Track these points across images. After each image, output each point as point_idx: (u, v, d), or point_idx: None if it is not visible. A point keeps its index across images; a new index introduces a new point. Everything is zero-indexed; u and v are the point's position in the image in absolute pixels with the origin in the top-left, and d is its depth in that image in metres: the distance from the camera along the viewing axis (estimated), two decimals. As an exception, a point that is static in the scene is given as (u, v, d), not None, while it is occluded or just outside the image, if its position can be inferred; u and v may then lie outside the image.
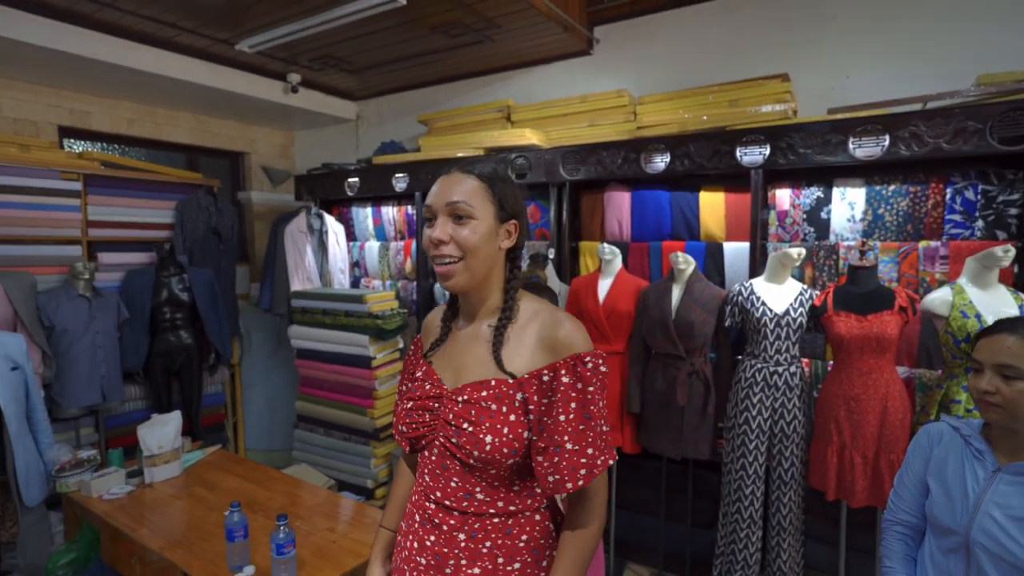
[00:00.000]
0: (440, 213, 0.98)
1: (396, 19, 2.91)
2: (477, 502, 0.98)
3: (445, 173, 1.03)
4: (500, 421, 0.95)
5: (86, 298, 3.02)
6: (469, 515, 0.98)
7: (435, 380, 1.05)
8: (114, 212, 3.40)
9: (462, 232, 0.97)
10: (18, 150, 3.07)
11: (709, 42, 3.03)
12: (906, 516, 1.34)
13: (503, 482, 0.98)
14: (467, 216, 0.97)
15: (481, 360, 1.01)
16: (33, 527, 2.22)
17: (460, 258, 0.97)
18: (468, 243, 0.96)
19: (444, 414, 1.00)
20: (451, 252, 0.97)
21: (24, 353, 2.27)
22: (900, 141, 2.16)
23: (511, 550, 0.99)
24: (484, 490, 0.98)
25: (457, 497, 0.98)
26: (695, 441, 2.48)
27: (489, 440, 0.94)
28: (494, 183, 1.01)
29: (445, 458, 0.99)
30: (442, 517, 0.99)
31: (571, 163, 2.88)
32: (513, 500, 0.99)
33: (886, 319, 2.06)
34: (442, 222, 0.98)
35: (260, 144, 4.71)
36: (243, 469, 2.51)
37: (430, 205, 1.00)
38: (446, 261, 0.97)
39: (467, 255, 0.97)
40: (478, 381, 0.99)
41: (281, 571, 1.60)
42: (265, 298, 3.77)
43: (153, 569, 1.87)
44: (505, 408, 0.95)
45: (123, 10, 2.82)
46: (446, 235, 0.97)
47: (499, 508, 0.98)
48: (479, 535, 0.98)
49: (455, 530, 0.98)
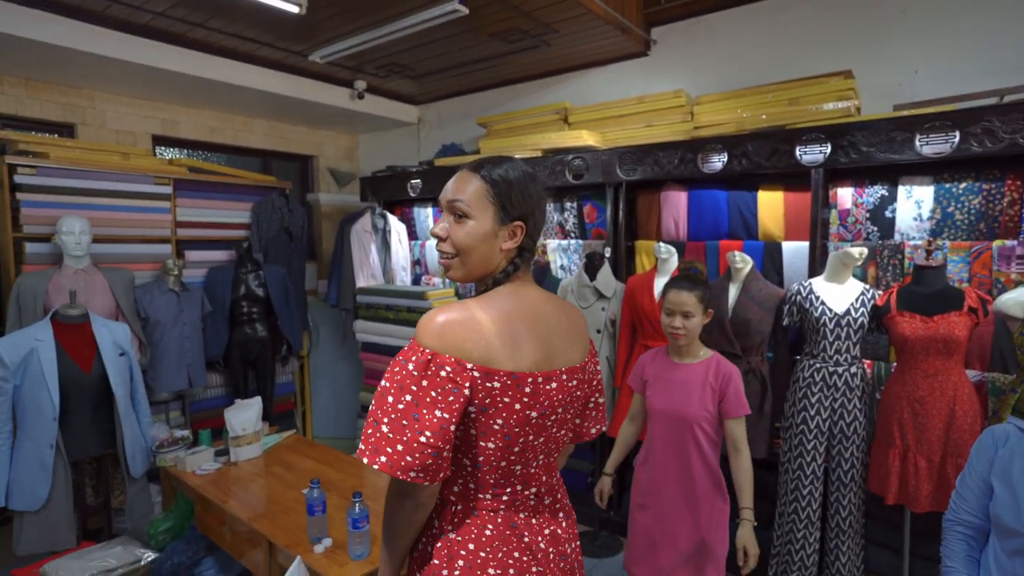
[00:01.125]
0: (445, 210, 1.04)
1: (458, 27, 3.04)
2: None
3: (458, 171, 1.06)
4: None
5: (175, 292, 3.30)
6: None
7: None
8: (199, 213, 3.69)
9: (458, 232, 1.01)
10: (120, 158, 3.39)
11: (768, 41, 3.01)
12: (968, 517, 1.34)
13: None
14: (464, 216, 1.00)
15: None
16: (137, 496, 2.48)
17: (455, 255, 1.02)
18: (461, 243, 1.00)
19: None
20: (447, 249, 1.02)
21: (129, 340, 2.53)
22: (972, 137, 2.11)
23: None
24: None
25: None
26: (751, 439, 2.47)
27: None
28: (498, 185, 1.01)
29: None
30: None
31: (628, 163, 2.92)
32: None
33: (953, 320, 2.01)
34: (444, 218, 1.03)
35: (327, 147, 4.97)
36: (317, 452, 2.70)
37: (440, 199, 1.05)
38: (444, 256, 1.04)
39: (461, 253, 1.01)
40: None
41: (356, 544, 1.75)
42: (332, 294, 3.98)
43: (242, 538, 2.06)
44: None
45: (211, 28, 3.07)
46: (444, 232, 1.02)
47: None
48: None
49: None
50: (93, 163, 3.23)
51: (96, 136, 3.65)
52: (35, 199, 3.00)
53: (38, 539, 2.24)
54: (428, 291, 3.42)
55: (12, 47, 2.85)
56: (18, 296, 2.73)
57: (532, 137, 3.37)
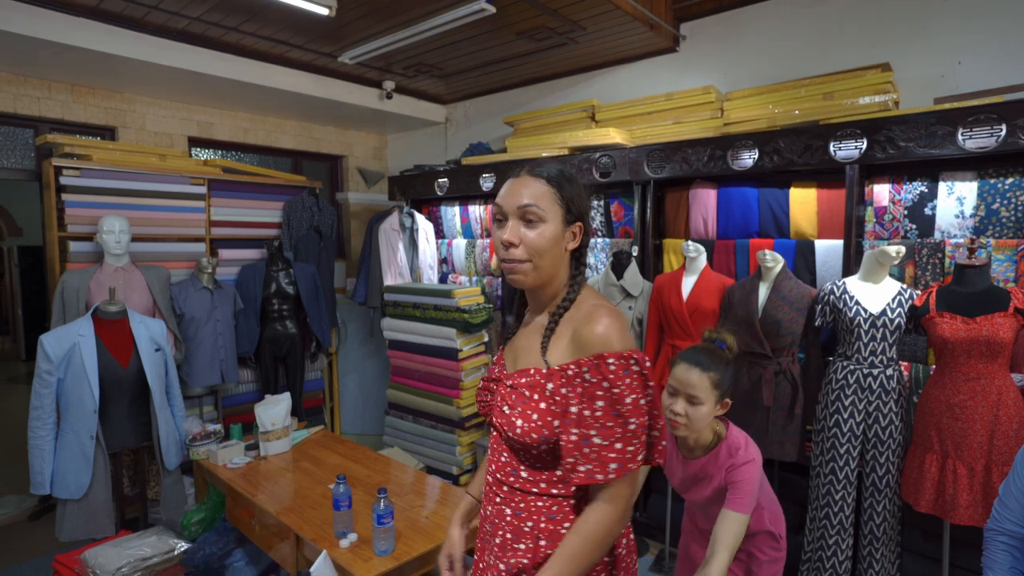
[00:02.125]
0: (511, 215, 1.02)
1: (485, 27, 3.04)
2: (521, 480, 1.04)
3: (514, 175, 1.06)
4: (531, 408, 1.00)
5: (209, 290, 3.39)
6: (515, 491, 1.05)
7: (501, 365, 1.16)
8: (232, 212, 3.79)
9: (531, 236, 1.00)
10: (158, 159, 3.50)
11: (801, 34, 2.93)
12: (1012, 526, 1.28)
13: (544, 465, 1.02)
14: (537, 219, 1.00)
15: (532, 349, 1.07)
16: (171, 487, 2.56)
17: (528, 259, 1.01)
18: (536, 246, 1.00)
19: (496, 398, 1.11)
20: (519, 255, 1.01)
21: (164, 336, 2.60)
22: (1020, 130, 2.01)
23: (552, 535, 1.01)
24: (527, 469, 1.04)
25: (505, 472, 1.07)
26: (781, 442, 2.43)
27: (519, 424, 1.00)
28: (562, 186, 1.03)
29: (499, 436, 1.10)
30: (495, 489, 1.10)
31: (656, 161, 2.89)
32: (555, 484, 1.02)
33: (998, 321, 1.93)
34: (512, 225, 1.01)
35: (356, 147, 5.04)
36: (344, 448, 2.74)
37: (500, 206, 1.03)
38: (515, 261, 1.01)
39: (535, 257, 1.01)
40: (524, 368, 1.06)
41: (381, 539, 1.77)
42: (360, 292, 4.04)
43: (270, 530, 2.10)
44: (536, 396, 1.00)
45: (244, 32, 3.14)
46: (516, 238, 1.00)
47: (541, 489, 1.02)
48: (523, 513, 1.04)
49: (504, 503, 1.07)
50: (132, 164, 3.34)
51: (136, 138, 3.78)
52: (79, 199, 3.12)
53: (80, 526, 2.33)
54: (455, 289, 3.44)
55: (60, 55, 2.98)
56: (62, 293, 2.84)
57: (559, 135, 3.36)
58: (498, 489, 1.08)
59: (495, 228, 1.06)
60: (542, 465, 1.02)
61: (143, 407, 2.50)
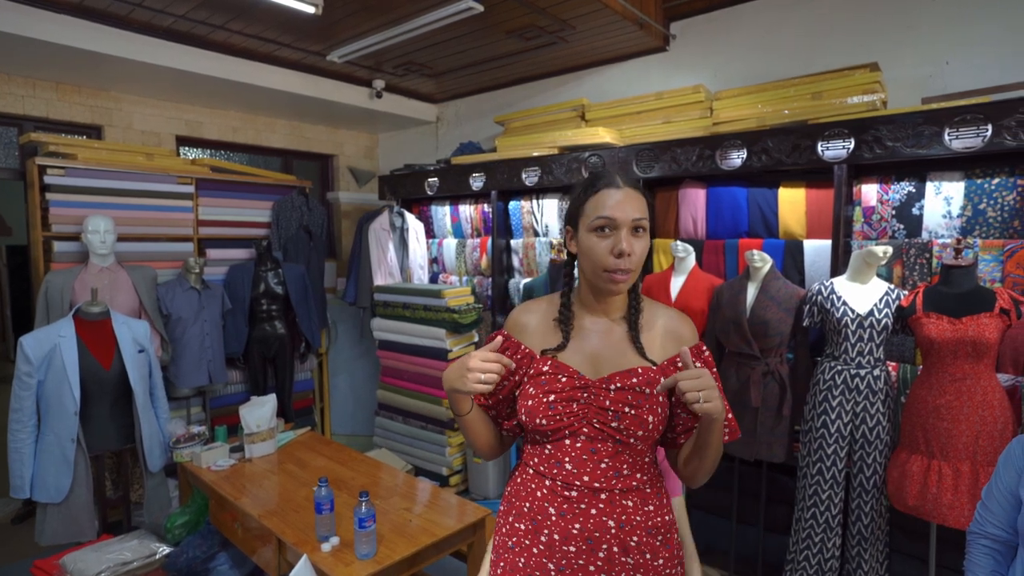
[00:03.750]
0: (623, 227, 1.07)
1: (474, 25, 3.02)
2: (624, 477, 1.09)
3: (613, 186, 1.10)
4: (655, 403, 1.07)
5: (196, 290, 3.35)
6: (616, 492, 1.08)
7: (572, 372, 1.11)
8: (220, 212, 3.75)
9: (639, 246, 1.08)
10: (145, 159, 3.47)
11: (790, 34, 2.93)
12: (994, 530, 1.27)
13: (642, 456, 1.11)
14: (644, 231, 1.10)
15: (621, 351, 1.13)
16: (155, 490, 2.53)
17: (634, 268, 1.09)
18: (642, 257, 1.10)
19: (597, 402, 1.08)
20: (632, 265, 1.08)
21: (148, 337, 2.58)
22: (1006, 131, 2.01)
23: (654, 548, 1.09)
24: (629, 466, 1.09)
25: (607, 477, 1.07)
26: (769, 443, 2.42)
27: (651, 420, 1.07)
28: (648, 198, 1.13)
29: (596, 442, 1.08)
30: (589, 501, 1.07)
31: (645, 160, 2.87)
32: (646, 469, 1.12)
33: (984, 322, 1.92)
34: (626, 235, 1.07)
35: (347, 147, 5.01)
36: (330, 450, 2.72)
37: (613, 217, 1.07)
38: (624, 272, 1.07)
39: (637, 266, 1.09)
40: (625, 370, 1.09)
41: (362, 543, 1.75)
42: (350, 292, 4.01)
43: (252, 534, 2.08)
44: (654, 391, 1.08)
45: (231, 30, 3.11)
46: (631, 248, 1.07)
47: (638, 479, 1.10)
48: (625, 515, 1.07)
49: (604, 515, 1.07)
50: (118, 163, 3.31)
51: (123, 137, 3.74)
52: (63, 199, 3.09)
53: (60, 531, 2.30)
54: (444, 289, 3.42)
55: (44, 53, 2.94)
56: (46, 293, 2.81)
57: (549, 134, 3.34)
58: (594, 500, 1.07)
59: (594, 238, 1.09)
60: (640, 457, 1.11)
61: (126, 409, 2.47)
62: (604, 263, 1.08)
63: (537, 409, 1.10)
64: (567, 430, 1.09)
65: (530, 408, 1.10)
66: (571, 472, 1.08)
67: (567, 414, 1.09)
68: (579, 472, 1.08)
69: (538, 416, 1.09)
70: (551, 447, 1.11)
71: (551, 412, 1.09)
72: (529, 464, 1.15)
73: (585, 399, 1.09)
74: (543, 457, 1.12)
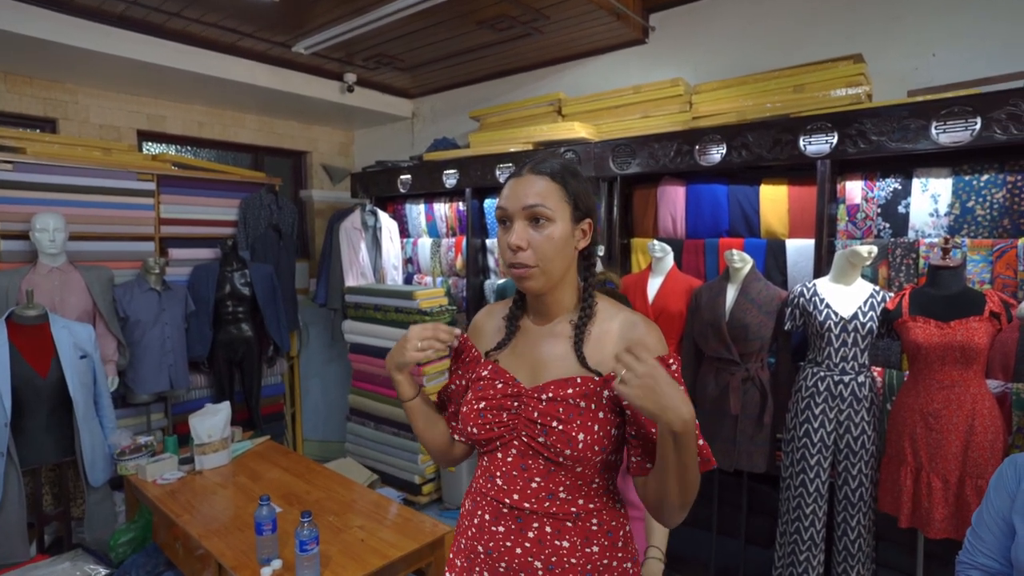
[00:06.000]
0: (516, 217, 0.95)
1: (444, 14, 2.88)
2: (560, 501, 0.94)
3: (515, 174, 0.99)
4: (591, 419, 0.93)
5: (156, 291, 3.19)
6: (549, 517, 0.94)
7: (508, 379, 1.01)
8: (184, 210, 3.58)
9: (540, 238, 0.94)
10: (101, 154, 3.30)
11: (772, 25, 2.82)
12: (985, 560, 1.15)
13: (586, 480, 0.95)
14: (545, 219, 0.94)
15: (561, 357, 0.99)
16: (98, 505, 2.37)
17: (537, 264, 0.94)
18: (546, 250, 0.94)
19: (527, 412, 0.96)
20: (527, 260, 0.94)
21: (92, 342, 2.41)
22: (995, 124, 1.90)
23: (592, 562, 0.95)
24: (567, 489, 0.94)
25: (539, 498, 0.94)
26: (749, 452, 2.30)
27: (581, 438, 0.92)
28: (567, 181, 0.97)
29: (526, 458, 0.96)
30: (517, 537, 0.95)
31: (621, 156, 2.75)
32: (593, 498, 0.96)
33: (973, 326, 1.81)
34: (519, 227, 0.94)
35: (321, 143, 4.85)
36: (287, 461, 2.56)
37: (505, 208, 0.96)
38: (522, 267, 0.94)
39: (544, 261, 0.94)
40: (562, 379, 0.96)
41: (304, 567, 1.60)
42: (320, 293, 3.87)
43: (193, 555, 1.93)
44: (594, 405, 0.93)
45: (187, 18, 2.96)
46: (524, 241, 0.94)
47: (579, 507, 0.95)
48: (556, 556, 0.93)
49: (530, 554, 0.93)
50: (73, 158, 3.14)
51: (79, 131, 3.57)
52: (11, 195, 2.91)
53: (-9, 550, 2.14)
54: (416, 291, 3.28)
55: (-13, 41, 2.77)
56: (-11, 295, 2.63)
57: (524, 130, 3.21)
58: (527, 521, 0.94)
59: (499, 232, 0.99)
60: (583, 481, 0.95)
61: (64, 419, 2.31)
62: (506, 258, 0.96)
63: (468, 416, 1.01)
64: (498, 441, 0.98)
65: (464, 415, 1.02)
66: (501, 488, 0.97)
67: (497, 423, 0.98)
68: (509, 489, 0.96)
69: (469, 424, 1.00)
70: (487, 459, 1.01)
71: (480, 420, 0.99)
72: (475, 478, 1.06)
73: (515, 408, 0.97)
74: (481, 470, 1.03)
